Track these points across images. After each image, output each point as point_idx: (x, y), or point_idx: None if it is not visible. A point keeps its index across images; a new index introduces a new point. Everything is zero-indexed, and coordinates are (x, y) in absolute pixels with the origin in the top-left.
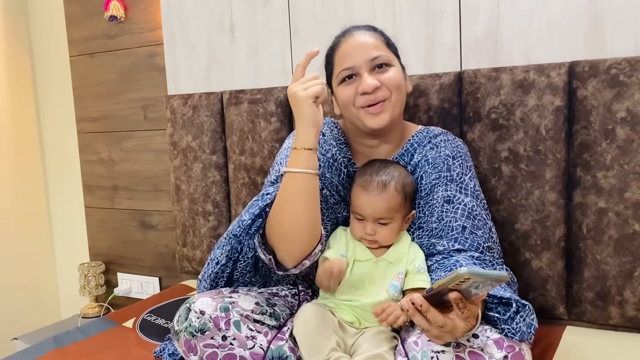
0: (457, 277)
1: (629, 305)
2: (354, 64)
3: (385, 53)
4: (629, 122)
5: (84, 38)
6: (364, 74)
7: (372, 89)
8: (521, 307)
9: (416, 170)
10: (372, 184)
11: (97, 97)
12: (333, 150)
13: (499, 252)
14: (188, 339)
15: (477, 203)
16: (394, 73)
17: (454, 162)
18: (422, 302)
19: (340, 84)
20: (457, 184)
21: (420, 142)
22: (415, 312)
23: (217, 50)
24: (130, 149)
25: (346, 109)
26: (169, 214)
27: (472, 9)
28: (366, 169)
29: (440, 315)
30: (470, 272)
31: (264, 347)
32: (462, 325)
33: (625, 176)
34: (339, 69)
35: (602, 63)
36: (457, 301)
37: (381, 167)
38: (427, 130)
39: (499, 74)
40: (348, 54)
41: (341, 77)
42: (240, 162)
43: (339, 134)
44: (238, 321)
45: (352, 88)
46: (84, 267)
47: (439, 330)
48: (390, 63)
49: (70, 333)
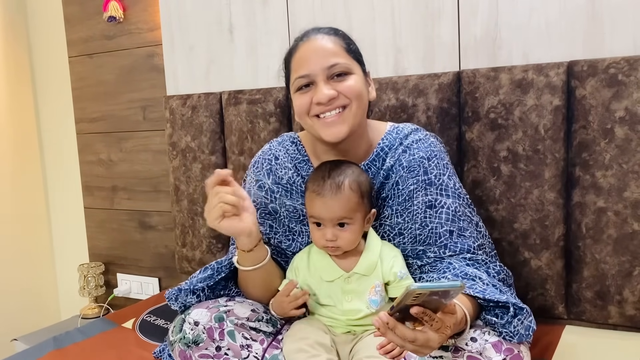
0: (410, 294)
1: (628, 304)
2: (309, 71)
3: (344, 60)
4: (628, 122)
5: (82, 39)
6: (320, 83)
7: (327, 99)
8: (519, 311)
9: (390, 175)
10: (325, 187)
11: (96, 98)
12: (289, 173)
13: (490, 245)
14: (183, 349)
15: (460, 202)
16: (354, 81)
17: (429, 164)
18: (388, 320)
19: (296, 92)
20: (436, 186)
21: (391, 145)
22: (386, 330)
23: (216, 50)
24: (129, 149)
25: (301, 119)
26: (168, 214)
27: (471, 9)
28: (317, 173)
29: (409, 330)
30: (421, 287)
31: (259, 355)
32: (435, 337)
33: (624, 175)
34: (295, 76)
35: (600, 62)
36: (421, 315)
37: (332, 168)
38: (397, 130)
39: (498, 74)
40: (304, 61)
41: (296, 85)
42: (240, 162)
43: (297, 151)
44: (232, 331)
45: (307, 97)
46: (84, 267)
47: (412, 345)
48: (349, 71)
49: (70, 334)
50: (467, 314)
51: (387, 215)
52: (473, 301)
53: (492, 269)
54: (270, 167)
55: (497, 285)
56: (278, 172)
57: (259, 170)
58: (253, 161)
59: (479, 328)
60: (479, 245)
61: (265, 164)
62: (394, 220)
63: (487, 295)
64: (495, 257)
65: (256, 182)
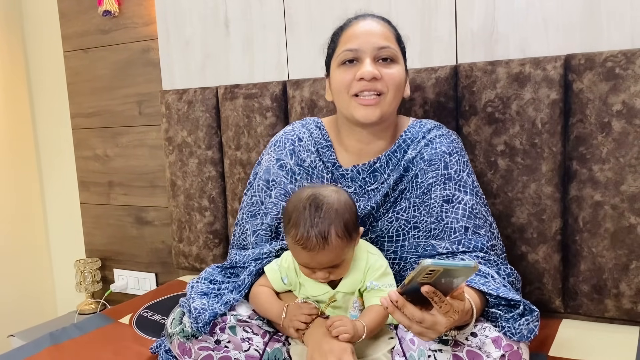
0: (423, 270)
1: (625, 298)
2: (358, 46)
3: (394, 47)
4: (625, 115)
5: (77, 33)
6: (367, 60)
7: (371, 76)
8: (528, 312)
9: (410, 167)
10: (310, 242)
11: (91, 93)
12: (312, 157)
13: (502, 248)
14: (182, 342)
15: (477, 200)
16: (397, 71)
17: (451, 159)
18: (398, 298)
19: (339, 66)
20: (455, 182)
21: (414, 138)
22: (394, 309)
23: (211, 44)
24: (125, 144)
25: (339, 94)
26: (164, 209)
27: (468, 2)
28: (297, 216)
29: (418, 310)
30: (435, 264)
31: (260, 349)
32: (443, 320)
33: (621, 169)
34: (342, 49)
35: (598, 56)
36: (431, 294)
37: (313, 212)
38: (420, 124)
39: (495, 68)
40: (355, 36)
41: (342, 58)
42: (236, 157)
43: (321, 136)
44: (234, 326)
45: (350, 73)
46: (80, 263)
47: (419, 326)
48: (395, 59)
49: (67, 330)
50: (475, 308)
51: (403, 208)
52: (482, 298)
53: (503, 270)
54: (294, 147)
55: (508, 286)
56: (301, 154)
57: (281, 149)
58: (274, 140)
59: (479, 323)
60: (491, 246)
61: (288, 144)
62: (410, 213)
63: (500, 293)
64: (505, 260)
65: (277, 161)
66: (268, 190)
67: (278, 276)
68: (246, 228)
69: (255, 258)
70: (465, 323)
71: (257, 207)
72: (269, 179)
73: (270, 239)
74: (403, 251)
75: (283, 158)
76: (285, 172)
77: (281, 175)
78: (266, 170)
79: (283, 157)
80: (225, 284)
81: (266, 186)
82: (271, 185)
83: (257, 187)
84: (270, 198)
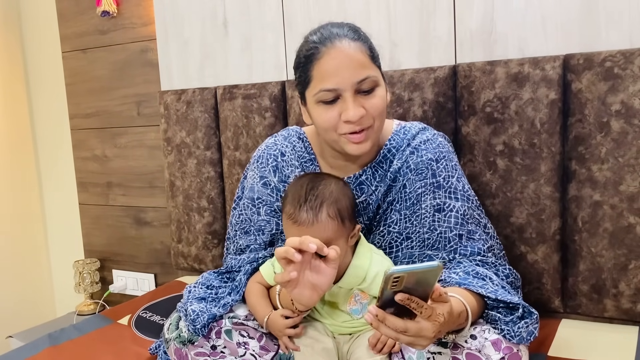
0: (388, 278)
1: (624, 297)
2: (337, 85)
3: (373, 73)
4: (624, 115)
5: (76, 34)
6: (349, 98)
7: (357, 118)
8: (527, 314)
9: (397, 177)
10: (300, 214)
11: (90, 93)
12: (296, 171)
13: (499, 247)
14: (178, 347)
15: (469, 205)
16: (379, 97)
17: (438, 167)
18: (377, 312)
19: (317, 104)
20: (445, 189)
21: (399, 147)
22: (378, 323)
23: (210, 45)
24: (124, 145)
25: (325, 132)
26: (163, 210)
27: (467, 2)
28: (293, 193)
29: (400, 320)
30: (398, 270)
31: (256, 353)
32: (428, 325)
33: (620, 169)
34: (319, 88)
35: (596, 56)
36: (406, 301)
37: (308, 190)
38: (404, 130)
39: (494, 68)
40: (332, 73)
41: (320, 97)
42: (235, 157)
43: (304, 149)
44: (229, 330)
45: (334, 111)
46: (79, 264)
47: (405, 336)
48: (377, 84)
49: (66, 330)
50: (469, 310)
51: (394, 221)
52: (479, 300)
53: (502, 271)
54: (277, 164)
55: (507, 288)
56: (284, 169)
57: (264, 166)
58: (256, 156)
59: (479, 325)
60: (488, 248)
61: (270, 160)
62: (401, 225)
63: (499, 296)
64: (504, 259)
65: (260, 179)
66: (254, 207)
67: (272, 271)
68: (240, 244)
69: (250, 261)
70: (461, 327)
71: (248, 224)
72: (254, 197)
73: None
74: (397, 262)
75: (267, 175)
76: (270, 190)
77: (266, 194)
78: (251, 189)
79: (266, 174)
80: (222, 289)
81: (252, 204)
82: (257, 203)
83: (243, 205)
84: (259, 216)
